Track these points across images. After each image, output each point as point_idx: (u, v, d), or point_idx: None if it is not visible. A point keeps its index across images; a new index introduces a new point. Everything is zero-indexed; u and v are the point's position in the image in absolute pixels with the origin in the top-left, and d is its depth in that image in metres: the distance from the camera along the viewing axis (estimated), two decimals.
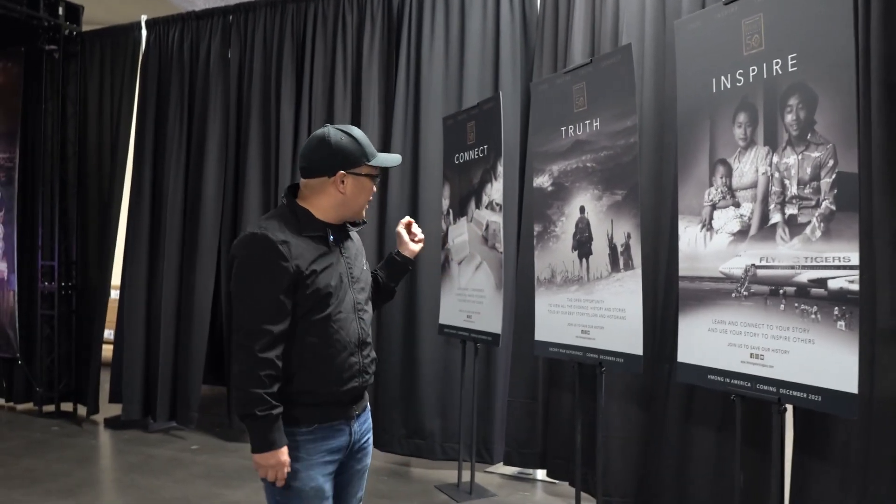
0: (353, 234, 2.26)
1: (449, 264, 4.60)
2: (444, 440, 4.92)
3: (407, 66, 5.18)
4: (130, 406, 5.84)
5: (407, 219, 2.51)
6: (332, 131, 2.12)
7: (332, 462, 2.13)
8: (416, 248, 2.46)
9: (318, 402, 2.08)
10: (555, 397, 4.42)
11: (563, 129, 3.69)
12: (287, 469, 2.03)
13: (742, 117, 2.74)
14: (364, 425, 2.24)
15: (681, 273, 3.00)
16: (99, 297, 6.20)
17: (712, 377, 2.83)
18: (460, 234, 4.54)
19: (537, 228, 3.90)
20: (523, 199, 4.66)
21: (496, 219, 4.17)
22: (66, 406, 6.36)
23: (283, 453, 2.01)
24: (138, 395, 5.85)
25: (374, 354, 2.23)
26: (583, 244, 3.58)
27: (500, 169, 4.15)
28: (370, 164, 2.12)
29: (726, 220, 2.80)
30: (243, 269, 2.04)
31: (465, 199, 4.50)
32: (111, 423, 5.99)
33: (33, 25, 6.17)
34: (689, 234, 2.97)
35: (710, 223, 2.87)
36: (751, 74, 2.69)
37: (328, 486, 2.12)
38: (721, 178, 2.82)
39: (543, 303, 3.84)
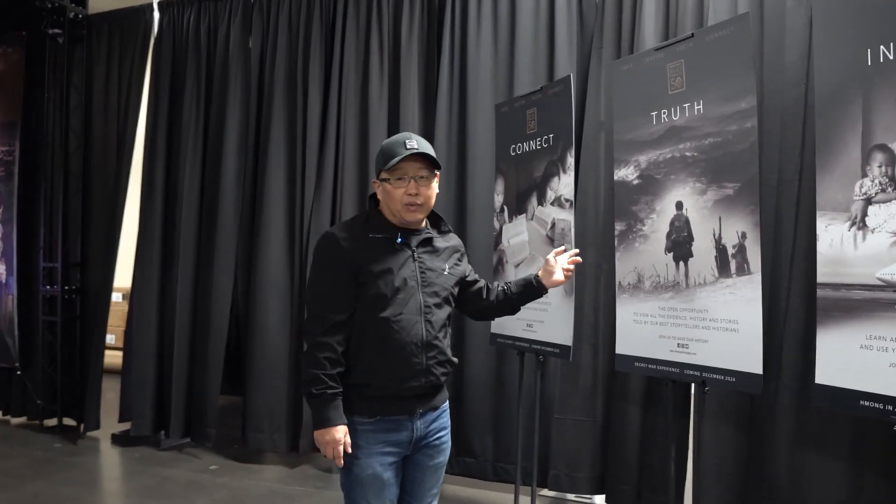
0: (445, 239, 2.42)
1: (503, 267, 4.14)
2: (496, 460, 4.47)
3: (451, 50, 4.73)
4: (141, 421, 5.36)
5: (563, 247, 2.65)
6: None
7: (392, 453, 2.24)
8: (560, 279, 2.56)
9: (377, 395, 2.20)
10: (617, 415, 3.98)
11: (653, 114, 3.24)
12: (341, 447, 2.16)
13: None
14: (433, 424, 2.32)
15: (820, 279, 2.55)
16: (102, 300, 5.71)
17: (867, 403, 2.38)
18: (518, 233, 4.08)
19: (619, 227, 3.44)
20: (577, 193, 4.22)
21: (565, 216, 3.72)
22: (69, 420, 5.84)
23: (338, 431, 2.15)
24: (149, 408, 5.38)
25: (445, 357, 2.29)
26: (680, 245, 3.13)
27: (570, 160, 3.70)
28: (384, 169, 2.24)
29: (887, 216, 2.35)
30: (312, 262, 2.31)
31: (523, 194, 4.04)
32: (119, 440, 5.49)
33: (36, 7, 5.67)
34: (831, 234, 2.52)
35: (862, 221, 2.42)
36: None
37: (388, 475, 2.23)
38: (880, 166, 2.37)
39: (627, 311, 3.39)
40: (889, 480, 2.89)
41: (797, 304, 3.19)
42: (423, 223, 2.38)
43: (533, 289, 2.56)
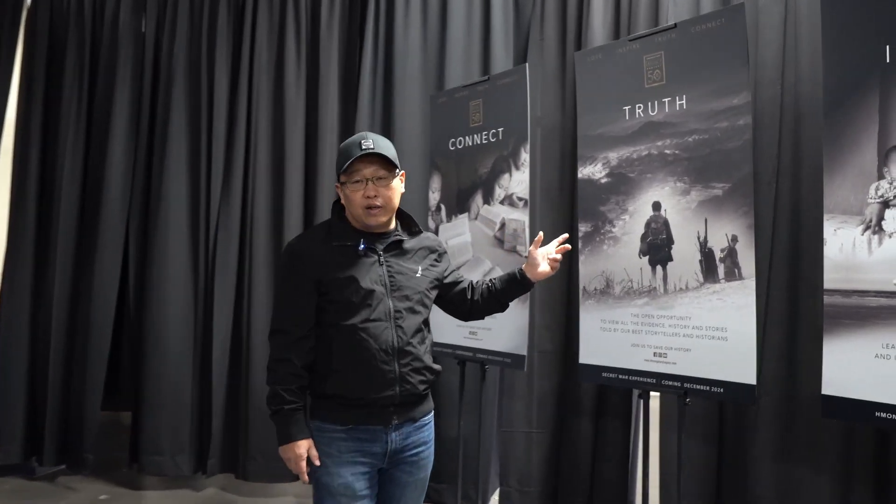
0: (418, 240, 2.33)
1: None
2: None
3: (375, 36, 4.39)
4: (10, 447, 4.60)
5: (540, 235, 2.46)
6: None
7: (364, 463, 2.15)
8: (546, 270, 2.42)
9: (351, 404, 2.13)
10: (570, 426, 3.79)
11: (626, 108, 3.05)
12: (304, 462, 2.11)
13: None
14: (411, 437, 2.22)
15: (827, 285, 2.43)
16: None
17: (884, 415, 2.28)
18: (459, 234, 3.81)
19: (584, 228, 3.24)
20: None
21: (518, 216, 3.48)
22: None
23: (299, 447, 2.11)
24: (20, 432, 4.64)
25: (421, 364, 2.21)
26: (657, 248, 2.95)
27: (525, 156, 3.47)
28: (341, 172, 2.18)
29: None
30: (276, 276, 2.08)
31: (466, 192, 3.77)
32: None
33: None
34: (841, 238, 2.40)
35: (878, 225, 2.32)
36: None
37: (360, 485, 2.14)
38: None
39: (593, 318, 3.19)
40: (878, 490, 2.84)
41: (779, 310, 3.11)
42: (392, 225, 2.30)
43: (517, 282, 2.44)
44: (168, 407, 4.34)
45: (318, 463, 2.11)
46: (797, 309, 3.07)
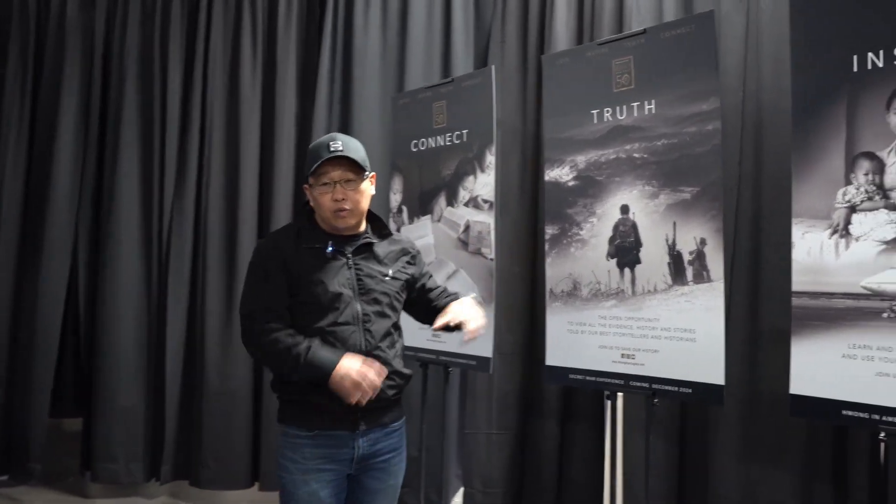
0: (389, 242, 2.29)
1: None
2: None
3: (333, 33, 4.33)
4: None
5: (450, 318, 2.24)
6: None
7: (331, 470, 2.11)
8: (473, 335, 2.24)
9: (321, 409, 2.08)
10: (533, 427, 3.80)
11: (594, 112, 3.07)
12: (369, 368, 2.00)
13: None
14: (380, 443, 2.19)
15: (796, 287, 2.49)
16: None
17: (850, 413, 2.34)
18: (422, 236, 3.78)
19: (551, 231, 3.25)
20: None
21: (483, 218, 3.48)
22: None
23: (344, 364, 2.01)
24: None
25: (391, 368, 2.14)
26: (625, 251, 2.99)
27: (490, 158, 3.47)
28: (309, 174, 2.16)
29: (874, 225, 2.32)
30: (248, 271, 2.22)
31: (429, 194, 3.76)
32: None
33: None
34: (809, 242, 2.46)
35: (845, 229, 2.39)
36: None
37: (325, 493, 2.10)
38: (866, 174, 2.34)
39: (560, 321, 3.20)
40: (839, 489, 2.93)
41: (741, 313, 3.17)
42: (362, 227, 2.27)
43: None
44: (121, 412, 4.22)
45: (377, 380, 2.00)
46: (759, 312, 3.14)
